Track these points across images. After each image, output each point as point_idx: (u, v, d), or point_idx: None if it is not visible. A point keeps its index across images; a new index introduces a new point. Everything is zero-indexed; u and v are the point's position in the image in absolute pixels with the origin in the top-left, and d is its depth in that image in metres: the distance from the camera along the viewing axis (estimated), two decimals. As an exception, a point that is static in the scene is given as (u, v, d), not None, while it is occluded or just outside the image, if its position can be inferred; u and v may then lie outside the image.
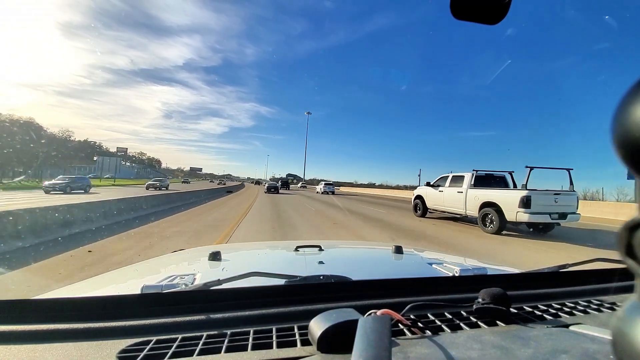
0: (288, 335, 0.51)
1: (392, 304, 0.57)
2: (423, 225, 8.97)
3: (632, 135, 0.18)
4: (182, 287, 0.73)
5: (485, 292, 0.59)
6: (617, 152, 0.19)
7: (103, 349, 0.48)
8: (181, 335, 0.51)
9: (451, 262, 1.20)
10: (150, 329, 0.53)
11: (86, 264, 3.92)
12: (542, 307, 0.66)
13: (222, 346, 0.48)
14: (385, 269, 1.33)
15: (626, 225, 0.20)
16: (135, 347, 0.48)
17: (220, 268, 1.10)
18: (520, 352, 0.43)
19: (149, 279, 0.98)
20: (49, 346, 0.48)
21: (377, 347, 0.36)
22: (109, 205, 7.66)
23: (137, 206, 9.11)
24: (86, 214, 6.54)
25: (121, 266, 1.29)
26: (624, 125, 0.18)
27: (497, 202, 7.52)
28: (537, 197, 6.89)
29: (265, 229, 7.15)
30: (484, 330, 0.54)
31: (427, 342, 0.46)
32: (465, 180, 8.85)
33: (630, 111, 0.18)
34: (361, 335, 0.39)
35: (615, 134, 0.19)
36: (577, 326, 0.54)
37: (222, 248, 1.32)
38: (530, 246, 6.22)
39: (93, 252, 4.54)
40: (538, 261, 5.06)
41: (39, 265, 3.85)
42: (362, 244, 2.57)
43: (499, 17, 0.50)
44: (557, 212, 7.03)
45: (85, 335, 0.51)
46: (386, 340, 0.38)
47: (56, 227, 5.55)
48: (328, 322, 0.46)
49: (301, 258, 1.34)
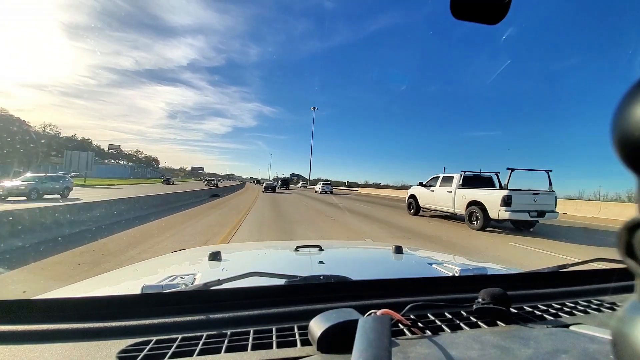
0: (288, 335, 0.51)
1: (392, 304, 0.57)
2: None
3: (632, 135, 0.18)
4: (182, 287, 0.73)
5: (485, 292, 0.59)
6: (617, 152, 0.19)
7: (103, 349, 0.48)
8: (181, 335, 0.51)
9: (451, 262, 1.20)
10: (150, 329, 0.53)
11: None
12: (542, 307, 0.66)
13: (222, 346, 0.48)
14: (385, 269, 1.33)
15: (626, 225, 0.20)
16: (135, 347, 0.48)
17: (220, 268, 1.10)
18: (520, 352, 0.43)
19: (149, 279, 0.98)
20: (49, 346, 0.48)
21: (377, 347, 0.36)
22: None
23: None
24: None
25: None
26: (624, 125, 0.18)
27: (481, 201, 8.14)
28: (517, 197, 7.54)
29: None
30: (484, 330, 0.54)
31: (427, 342, 0.46)
32: (454, 180, 9.46)
33: (630, 111, 0.18)
34: (361, 335, 0.39)
35: (615, 134, 0.19)
36: (577, 326, 0.54)
37: (222, 248, 1.32)
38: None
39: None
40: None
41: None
42: (362, 244, 2.57)
43: (499, 17, 0.50)
44: (536, 210, 7.66)
45: (85, 335, 0.51)
46: (386, 340, 0.38)
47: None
48: (328, 322, 0.46)
49: (301, 258, 1.34)
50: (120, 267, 1.33)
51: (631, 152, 0.18)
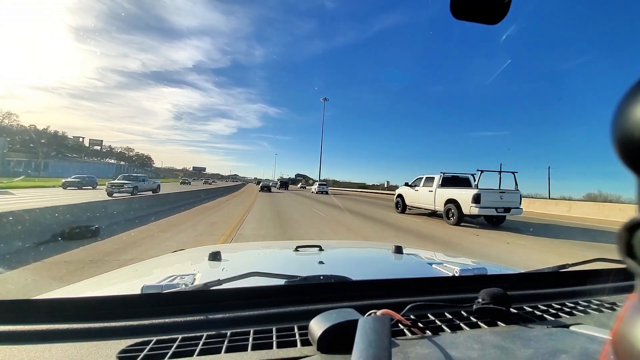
0: (288, 336, 0.51)
1: (392, 304, 0.57)
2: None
3: (632, 135, 0.18)
4: (182, 287, 0.73)
5: (485, 292, 0.59)
6: (617, 152, 0.19)
7: (103, 349, 0.47)
8: (181, 336, 0.51)
9: (451, 262, 1.20)
10: (150, 329, 0.53)
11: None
12: (542, 307, 0.66)
13: (222, 346, 0.48)
14: (385, 269, 1.32)
15: (626, 226, 0.20)
16: (135, 347, 0.48)
17: (220, 268, 1.09)
18: (520, 352, 0.43)
19: (149, 279, 0.98)
20: (49, 346, 0.48)
21: (377, 347, 0.36)
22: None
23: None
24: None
25: None
26: (624, 125, 0.18)
27: (456, 198, 9.21)
28: (485, 195, 8.62)
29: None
30: (484, 330, 0.53)
31: (427, 342, 0.46)
32: (435, 181, 10.51)
33: (630, 111, 0.18)
34: (361, 335, 0.39)
35: (615, 134, 0.19)
36: (577, 326, 0.54)
37: (222, 248, 1.32)
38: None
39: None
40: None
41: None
42: (362, 244, 2.58)
43: (499, 17, 0.50)
44: (503, 206, 8.81)
45: (85, 335, 0.51)
46: (386, 340, 0.38)
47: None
48: (328, 322, 0.46)
49: (301, 258, 1.34)
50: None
51: (631, 152, 0.18)
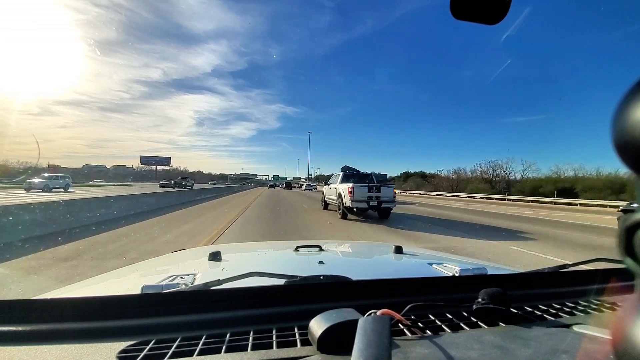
0: (288, 335, 0.51)
1: (392, 304, 0.57)
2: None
3: (632, 135, 0.18)
4: (182, 287, 0.73)
5: (485, 292, 0.59)
6: (617, 152, 0.19)
7: (103, 349, 0.48)
8: (181, 335, 0.51)
9: (451, 262, 1.20)
10: (150, 329, 0.53)
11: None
12: (542, 307, 0.66)
13: (222, 346, 0.48)
14: (385, 269, 1.33)
15: (626, 226, 0.20)
16: (135, 347, 0.48)
17: (220, 268, 1.10)
18: (520, 352, 0.43)
19: (149, 279, 0.98)
20: (48, 346, 0.48)
21: (377, 347, 0.36)
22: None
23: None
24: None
25: None
26: (624, 126, 0.18)
27: (341, 193, 10.19)
28: (358, 189, 9.39)
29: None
30: (484, 330, 0.53)
31: (427, 342, 0.46)
32: (338, 178, 11.45)
33: (630, 111, 0.18)
34: (361, 335, 0.39)
35: (615, 134, 0.19)
36: (578, 326, 0.54)
37: (222, 248, 1.32)
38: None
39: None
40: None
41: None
42: (362, 244, 2.58)
43: (499, 17, 0.51)
44: (376, 200, 9.56)
45: (85, 335, 0.51)
46: (386, 340, 0.38)
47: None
48: (328, 322, 0.46)
49: (301, 258, 1.34)
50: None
51: (631, 152, 0.18)
